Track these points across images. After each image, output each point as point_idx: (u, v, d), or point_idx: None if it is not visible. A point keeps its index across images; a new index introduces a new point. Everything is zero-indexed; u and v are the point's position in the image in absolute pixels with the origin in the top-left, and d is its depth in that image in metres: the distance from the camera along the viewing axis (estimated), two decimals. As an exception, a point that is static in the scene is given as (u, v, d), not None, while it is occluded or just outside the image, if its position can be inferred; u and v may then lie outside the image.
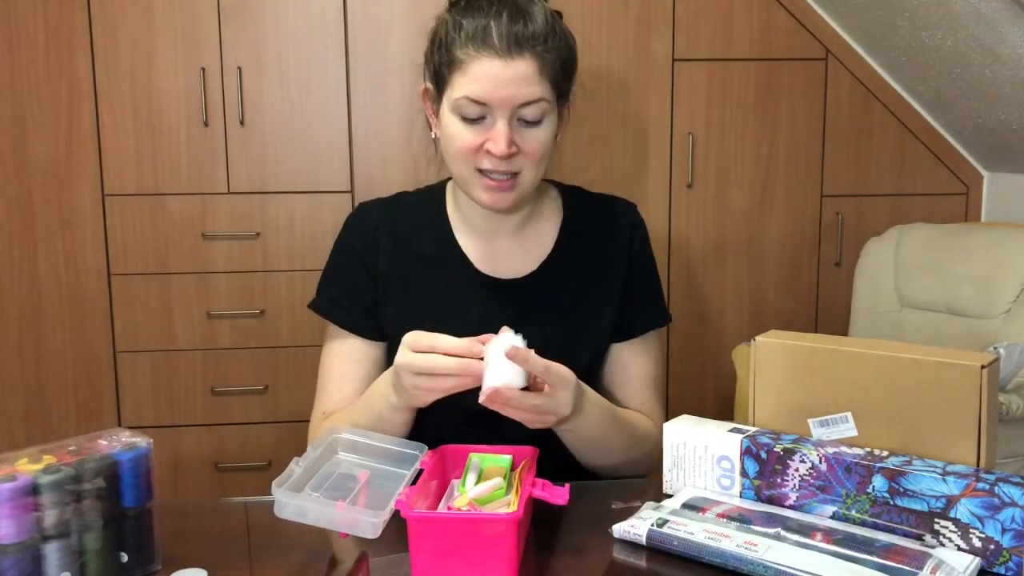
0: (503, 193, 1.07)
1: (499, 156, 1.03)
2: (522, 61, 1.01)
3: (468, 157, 1.05)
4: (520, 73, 1.01)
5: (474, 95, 1.02)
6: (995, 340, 1.92)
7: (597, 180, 2.25)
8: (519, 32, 1.01)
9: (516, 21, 1.02)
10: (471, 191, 1.09)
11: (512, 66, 1.01)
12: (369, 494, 0.90)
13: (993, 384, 0.85)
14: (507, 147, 1.02)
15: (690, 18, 2.25)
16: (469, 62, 1.02)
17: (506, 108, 1.02)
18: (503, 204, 1.08)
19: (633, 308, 1.19)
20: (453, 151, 1.07)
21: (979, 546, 0.79)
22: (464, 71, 1.02)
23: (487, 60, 1.01)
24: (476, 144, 1.04)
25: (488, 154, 1.04)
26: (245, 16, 2.14)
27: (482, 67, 1.01)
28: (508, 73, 1.01)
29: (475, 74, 1.01)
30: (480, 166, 1.05)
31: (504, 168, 1.05)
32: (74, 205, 2.16)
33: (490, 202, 1.07)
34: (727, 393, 2.28)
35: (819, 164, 2.35)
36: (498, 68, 1.01)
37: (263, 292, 2.22)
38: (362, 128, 2.21)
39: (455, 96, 1.04)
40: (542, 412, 0.93)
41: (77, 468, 0.77)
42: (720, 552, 0.81)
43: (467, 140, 1.04)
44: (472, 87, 1.02)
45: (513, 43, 1.01)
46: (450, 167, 1.10)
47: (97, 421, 2.20)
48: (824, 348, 0.94)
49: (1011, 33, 1.87)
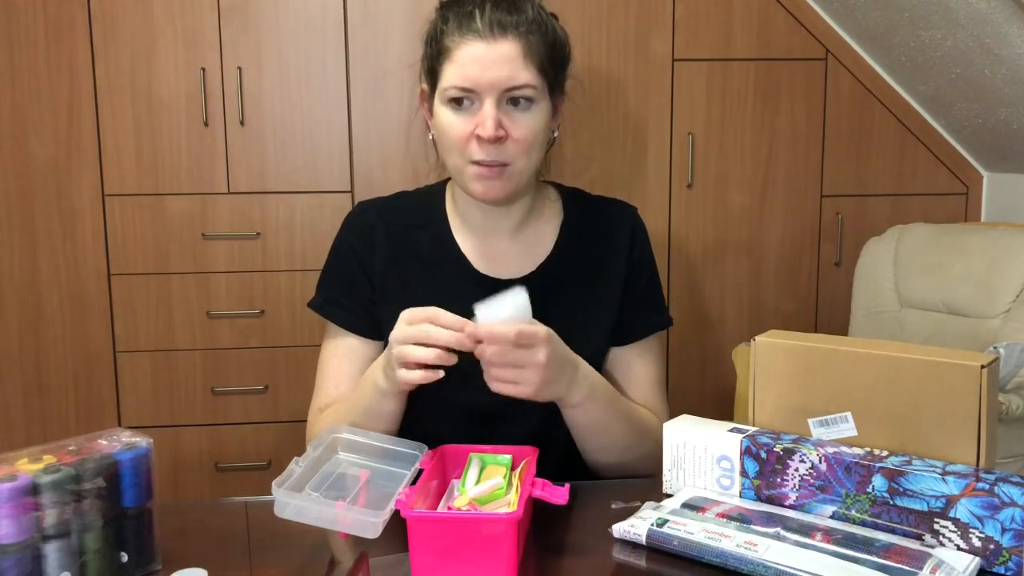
0: (493, 181, 1.07)
1: (487, 138, 1.03)
2: (505, 43, 1.03)
3: (460, 147, 1.06)
4: (504, 54, 1.03)
5: (460, 81, 1.03)
6: (995, 340, 1.92)
7: (597, 180, 2.26)
8: (502, 17, 1.04)
9: (499, 8, 1.05)
10: (465, 183, 1.09)
11: (495, 47, 1.03)
12: (369, 494, 0.90)
13: (993, 384, 0.85)
14: (494, 129, 1.03)
15: (690, 18, 2.25)
16: (455, 48, 1.04)
17: (493, 91, 1.03)
18: (494, 193, 1.08)
19: (634, 312, 1.18)
20: (446, 143, 1.08)
21: (979, 546, 0.79)
22: (451, 58, 1.05)
23: (471, 43, 1.03)
24: (467, 132, 1.05)
25: (478, 140, 1.04)
26: (245, 16, 2.14)
27: (466, 51, 1.03)
28: (492, 55, 1.03)
29: (461, 59, 1.04)
30: (472, 157, 1.06)
31: (494, 156, 1.05)
32: (74, 205, 2.16)
33: (482, 192, 1.08)
34: (727, 393, 2.28)
35: (819, 164, 2.35)
36: (482, 50, 1.03)
37: (263, 292, 2.22)
38: (362, 128, 2.21)
39: (444, 86, 1.05)
40: (519, 364, 0.92)
41: (77, 468, 0.77)
42: (720, 552, 0.81)
43: (458, 129, 1.05)
44: (459, 71, 1.04)
45: (496, 25, 1.04)
46: (445, 163, 1.11)
47: (97, 421, 2.20)
48: (824, 348, 0.94)
49: (1011, 33, 1.87)
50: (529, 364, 0.92)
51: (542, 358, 0.92)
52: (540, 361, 0.92)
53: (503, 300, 0.90)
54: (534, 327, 0.91)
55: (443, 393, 1.11)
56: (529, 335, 0.91)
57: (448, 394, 1.11)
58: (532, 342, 0.91)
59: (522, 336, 0.90)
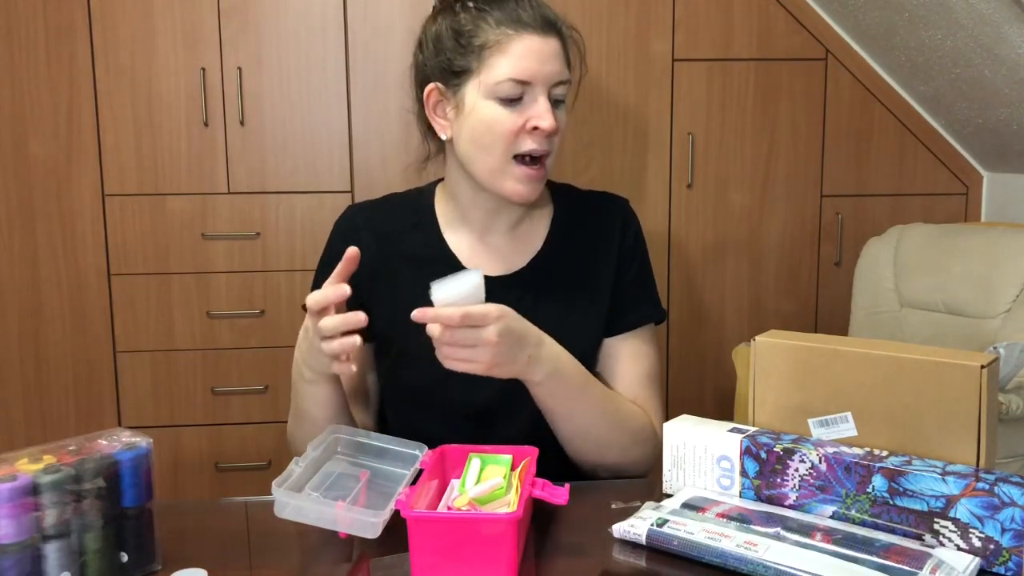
0: (536, 183, 1.09)
1: (548, 130, 1.05)
2: (554, 39, 1.07)
3: (509, 141, 1.06)
4: (555, 50, 1.07)
5: (518, 73, 1.04)
6: (995, 340, 1.92)
7: (597, 180, 2.26)
8: (546, 13, 1.07)
9: (537, 5, 1.07)
10: (502, 184, 1.08)
11: (549, 43, 1.06)
12: (369, 494, 0.90)
13: (993, 384, 0.85)
14: (553, 120, 1.05)
15: (690, 18, 2.25)
16: (508, 41, 1.04)
17: (546, 84, 1.05)
18: (534, 195, 1.10)
19: (624, 302, 1.18)
20: (490, 139, 1.07)
21: (979, 546, 0.79)
22: (505, 51, 1.04)
23: (528, 36, 1.05)
24: (518, 125, 1.05)
25: (533, 132, 1.05)
26: (245, 16, 2.14)
27: (524, 44, 1.04)
28: (548, 49, 1.06)
29: (518, 52, 1.04)
30: (520, 150, 1.06)
31: (546, 147, 1.07)
32: (74, 205, 2.16)
33: (525, 193, 1.09)
34: (727, 393, 2.28)
35: (819, 164, 2.35)
36: (539, 44, 1.05)
37: (263, 292, 2.22)
38: (362, 128, 2.21)
39: (495, 79, 1.05)
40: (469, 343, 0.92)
41: (77, 468, 0.77)
42: (720, 552, 0.81)
43: (509, 123, 1.05)
44: (516, 64, 1.04)
45: (545, 22, 1.06)
46: (479, 161, 1.09)
47: (97, 421, 2.20)
48: (824, 348, 0.94)
49: (1011, 33, 1.87)
50: (480, 343, 0.92)
51: (492, 336, 0.92)
52: (490, 339, 0.92)
53: (457, 280, 0.90)
54: (484, 308, 0.91)
55: (440, 393, 1.12)
56: (478, 316, 0.90)
57: (445, 394, 1.11)
58: (482, 322, 0.91)
59: (469, 318, 0.90)
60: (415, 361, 1.09)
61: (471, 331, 0.91)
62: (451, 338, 0.91)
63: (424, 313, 0.90)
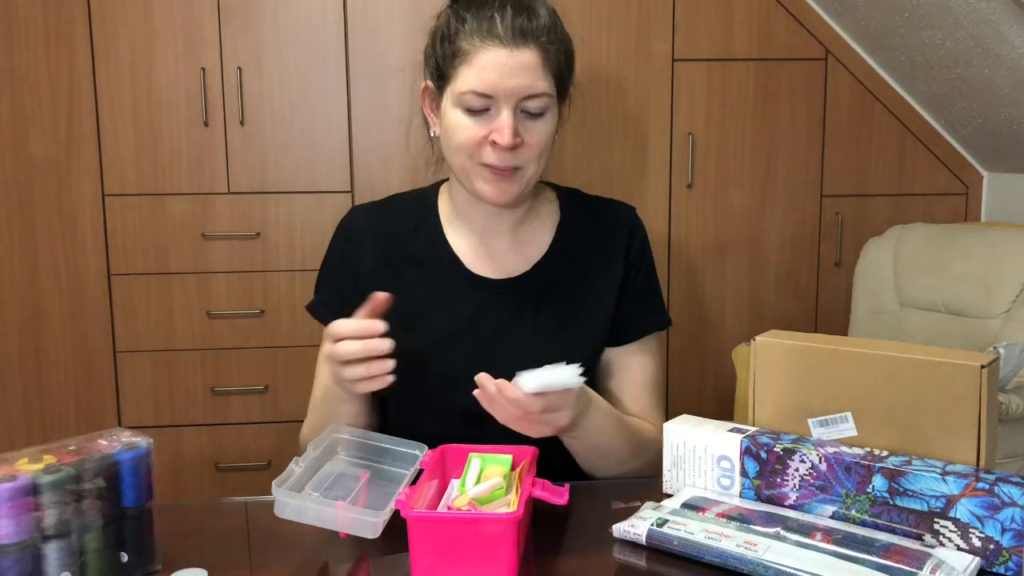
0: (505, 184, 1.06)
1: (504, 147, 1.03)
2: (527, 51, 1.02)
3: (471, 150, 1.05)
4: (525, 63, 1.02)
5: (480, 86, 1.02)
6: (995, 340, 1.92)
7: (597, 180, 2.26)
8: (523, 24, 1.03)
9: (520, 14, 1.03)
10: (473, 184, 1.08)
11: (517, 55, 1.02)
12: (369, 494, 0.90)
13: (993, 384, 0.85)
14: (512, 138, 1.02)
15: (690, 18, 2.25)
16: (474, 53, 1.02)
17: (511, 99, 1.02)
18: (505, 197, 1.08)
19: (631, 312, 1.18)
20: (455, 144, 1.06)
21: (979, 546, 0.79)
22: (470, 62, 1.03)
23: (492, 49, 1.02)
24: (479, 136, 1.04)
25: (492, 146, 1.04)
26: (245, 16, 2.14)
27: (488, 56, 1.02)
28: (513, 62, 1.02)
29: (481, 64, 1.02)
30: (483, 160, 1.05)
31: (508, 162, 1.05)
32: (74, 205, 2.16)
33: (492, 195, 1.07)
34: (727, 393, 2.28)
35: (819, 164, 2.35)
36: (504, 57, 1.01)
37: (263, 292, 2.22)
38: (362, 128, 2.21)
39: (460, 89, 1.04)
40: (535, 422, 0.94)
41: (77, 468, 0.77)
42: (720, 552, 0.81)
43: (470, 133, 1.04)
44: (478, 76, 1.02)
45: (518, 34, 1.02)
46: (450, 161, 1.10)
47: (97, 421, 2.20)
48: (824, 348, 0.94)
49: (1011, 33, 1.87)
50: (550, 423, 0.95)
51: (564, 421, 0.95)
52: (561, 424, 0.96)
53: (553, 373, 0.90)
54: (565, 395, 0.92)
55: (441, 394, 1.12)
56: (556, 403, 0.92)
57: (446, 395, 1.11)
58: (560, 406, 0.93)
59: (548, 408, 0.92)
60: (416, 362, 1.09)
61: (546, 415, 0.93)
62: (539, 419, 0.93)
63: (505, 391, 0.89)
